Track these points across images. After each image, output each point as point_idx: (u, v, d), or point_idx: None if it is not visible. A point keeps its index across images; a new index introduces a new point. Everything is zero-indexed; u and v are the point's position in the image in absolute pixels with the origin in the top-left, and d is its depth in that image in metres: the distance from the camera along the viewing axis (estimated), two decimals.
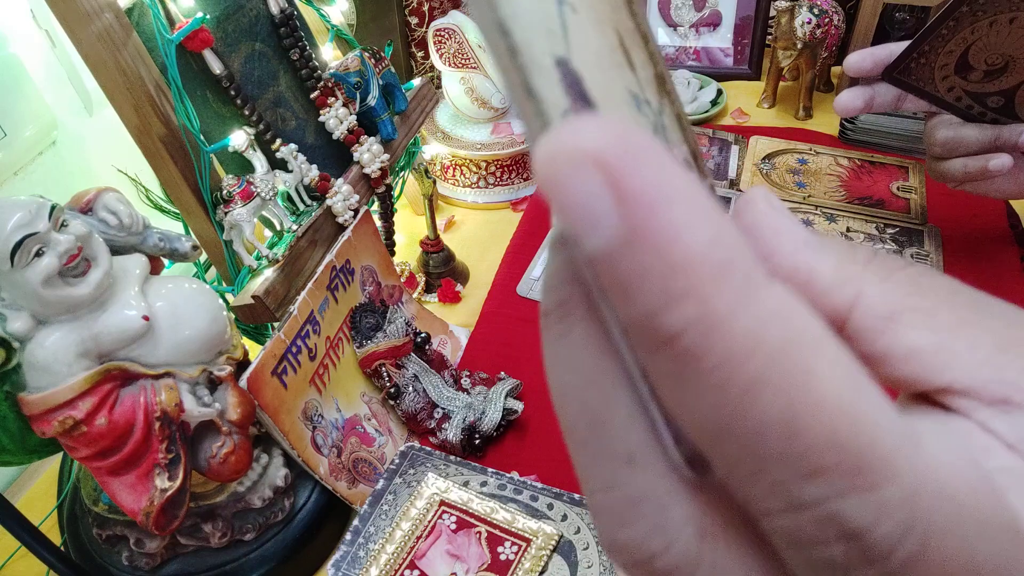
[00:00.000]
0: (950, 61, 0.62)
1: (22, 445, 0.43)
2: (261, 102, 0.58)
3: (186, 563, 0.52)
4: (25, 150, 0.68)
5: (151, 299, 0.45)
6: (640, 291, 0.11)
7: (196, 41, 0.51)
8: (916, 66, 0.62)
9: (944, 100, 0.64)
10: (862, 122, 0.92)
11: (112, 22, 0.47)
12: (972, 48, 0.61)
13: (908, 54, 0.62)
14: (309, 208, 0.61)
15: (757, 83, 1.07)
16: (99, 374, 0.42)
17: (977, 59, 0.61)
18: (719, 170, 0.91)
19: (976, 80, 0.62)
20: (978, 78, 0.62)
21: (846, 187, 0.87)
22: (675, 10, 1.07)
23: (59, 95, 0.72)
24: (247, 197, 0.53)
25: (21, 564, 0.59)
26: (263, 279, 0.54)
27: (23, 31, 0.67)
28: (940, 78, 0.62)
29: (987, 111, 0.63)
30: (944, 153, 0.65)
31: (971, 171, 0.64)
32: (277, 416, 0.52)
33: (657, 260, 0.11)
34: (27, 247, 0.39)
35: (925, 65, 0.62)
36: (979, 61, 0.61)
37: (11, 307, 0.41)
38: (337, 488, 0.56)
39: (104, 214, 0.46)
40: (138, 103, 0.49)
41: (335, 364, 0.60)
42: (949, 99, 0.63)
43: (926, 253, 0.77)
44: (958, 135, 0.64)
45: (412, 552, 0.52)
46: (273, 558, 0.53)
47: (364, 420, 0.61)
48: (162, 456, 0.45)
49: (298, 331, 0.55)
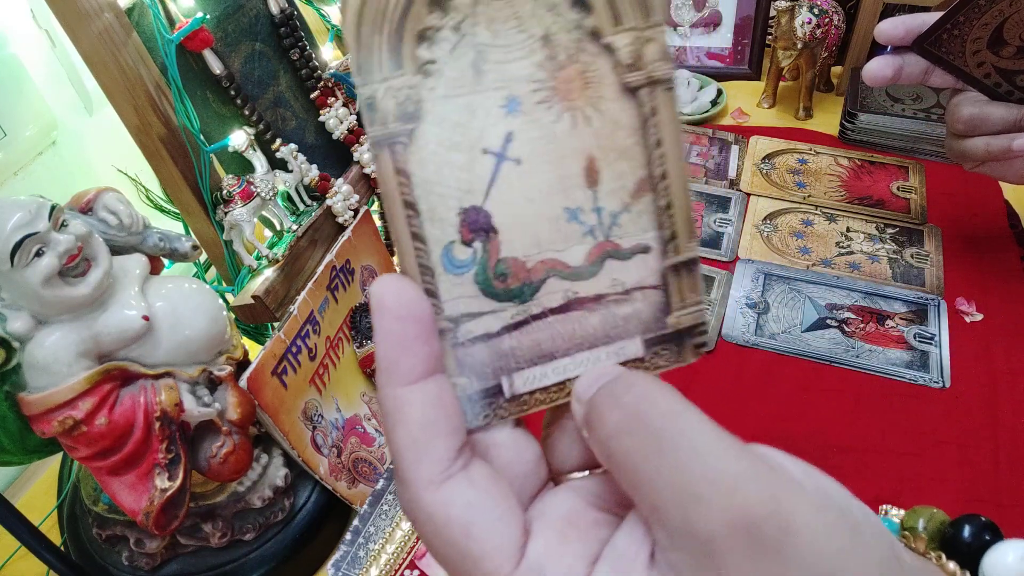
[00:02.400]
0: (984, 35, 0.60)
1: (22, 445, 0.43)
2: (261, 102, 0.58)
3: (186, 563, 0.52)
4: (25, 150, 0.68)
5: (151, 299, 0.45)
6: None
7: (196, 41, 0.51)
8: (948, 37, 0.61)
9: (972, 76, 0.62)
10: (862, 122, 0.92)
11: (112, 22, 0.47)
12: (1008, 22, 0.59)
13: (941, 24, 0.60)
14: (309, 208, 0.61)
15: (757, 83, 1.07)
16: (99, 374, 0.42)
17: (1012, 34, 0.60)
18: (719, 170, 0.91)
19: (1008, 56, 0.60)
20: (1010, 54, 0.60)
21: (846, 187, 0.87)
22: (675, 10, 1.07)
23: (59, 95, 0.72)
24: (247, 197, 0.53)
25: (21, 564, 0.59)
26: (263, 279, 0.54)
27: (23, 31, 0.67)
28: (971, 52, 0.61)
29: (1015, 90, 0.62)
30: (967, 131, 0.64)
31: (993, 150, 0.63)
32: (277, 416, 0.52)
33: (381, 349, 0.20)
34: (27, 247, 0.39)
35: (957, 37, 0.61)
36: (1014, 36, 0.60)
37: (11, 307, 0.41)
38: (337, 488, 0.56)
39: (104, 214, 0.46)
40: (138, 103, 0.49)
41: (335, 364, 0.60)
42: (977, 75, 0.62)
43: (926, 253, 0.77)
44: (983, 112, 0.62)
45: (412, 552, 0.52)
46: (273, 558, 0.53)
47: (364, 420, 0.61)
48: (162, 456, 0.45)
49: (298, 331, 0.55)
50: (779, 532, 0.17)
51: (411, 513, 0.20)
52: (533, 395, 0.23)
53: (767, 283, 0.75)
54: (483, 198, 0.21)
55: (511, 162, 0.21)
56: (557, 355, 0.23)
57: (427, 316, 0.20)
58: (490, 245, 0.21)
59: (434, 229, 0.21)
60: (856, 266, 0.76)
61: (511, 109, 0.21)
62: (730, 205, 0.85)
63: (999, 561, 0.20)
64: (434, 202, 0.20)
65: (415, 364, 0.20)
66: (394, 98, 0.20)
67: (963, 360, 0.66)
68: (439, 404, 0.20)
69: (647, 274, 0.23)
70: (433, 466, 0.20)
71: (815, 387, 0.65)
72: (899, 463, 0.58)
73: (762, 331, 0.70)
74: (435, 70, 0.20)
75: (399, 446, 0.20)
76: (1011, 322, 0.69)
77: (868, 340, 0.68)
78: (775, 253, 0.79)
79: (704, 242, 0.81)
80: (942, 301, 0.71)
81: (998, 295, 0.72)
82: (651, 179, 0.22)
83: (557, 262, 0.22)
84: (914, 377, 0.65)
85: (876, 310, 0.71)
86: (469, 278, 0.21)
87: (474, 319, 0.22)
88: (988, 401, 0.63)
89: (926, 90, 0.94)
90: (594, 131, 0.22)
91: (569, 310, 0.23)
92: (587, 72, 0.21)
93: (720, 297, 0.74)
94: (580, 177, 0.22)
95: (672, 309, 0.23)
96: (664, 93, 0.22)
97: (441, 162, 0.20)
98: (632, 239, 0.23)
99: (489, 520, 0.20)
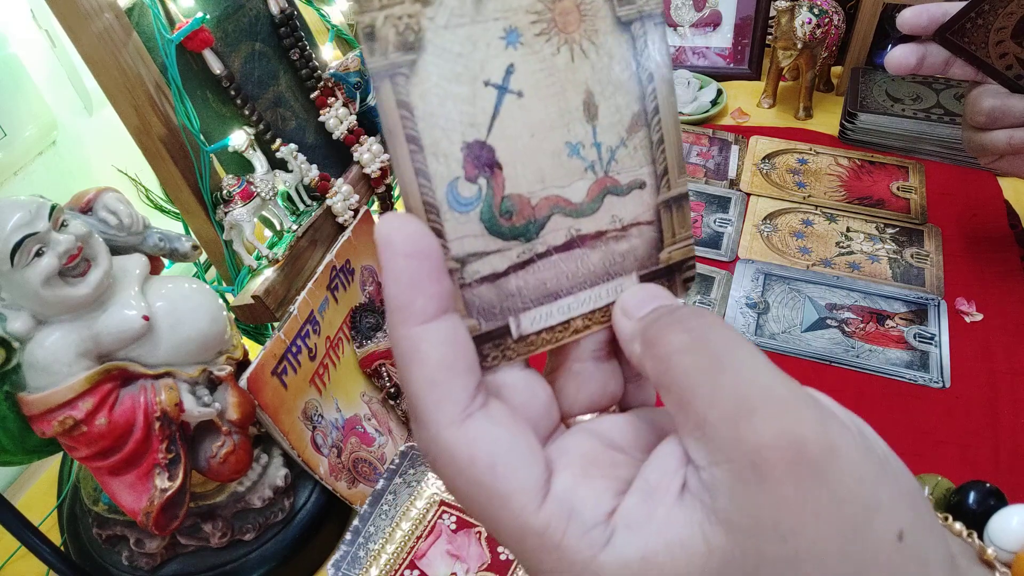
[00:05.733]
0: (1008, 24, 0.60)
1: (22, 445, 0.43)
2: (261, 102, 0.58)
3: (186, 563, 0.52)
4: (25, 150, 0.68)
5: (151, 299, 0.45)
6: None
7: (196, 41, 0.51)
8: (972, 27, 0.60)
9: (994, 67, 0.62)
10: (862, 122, 0.92)
11: (112, 22, 0.47)
12: None
13: (965, 13, 0.60)
14: (309, 208, 0.61)
15: (757, 83, 1.07)
16: (99, 374, 0.42)
17: None
18: (719, 170, 0.91)
19: None
20: None
21: (846, 187, 0.87)
22: (675, 10, 1.07)
23: (59, 95, 0.72)
24: (247, 197, 0.53)
25: (21, 564, 0.59)
26: (263, 279, 0.54)
27: (23, 31, 0.67)
28: (994, 42, 0.61)
29: None
30: (988, 123, 0.63)
31: (1016, 143, 0.62)
32: (277, 416, 0.52)
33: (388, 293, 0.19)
34: (27, 247, 0.39)
35: (981, 27, 0.60)
36: None
37: (11, 307, 0.41)
38: (337, 488, 0.56)
39: (104, 214, 0.46)
40: (138, 103, 0.49)
41: (335, 364, 0.60)
42: (999, 67, 0.62)
43: (926, 253, 0.77)
44: (1005, 104, 0.62)
45: (412, 552, 0.52)
46: (273, 558, 0.53)
47: (364, 420, 0.61)
48: (162, 456, 0.45)
49: (298, 331, 0.55)
50: (824, 453, 0.17)
51: (432, 454, 0.20)
52: (540, 335, 0.23)
53: (767, 283, 0.75)
54: (486, 132, 0.21)
55: (513, 95, 0.21)
56: (561, 294, 0.23)
57: (436, 253, 0.19)
58: (495, 181, 0.21)
59: (438, 165, 0.20)
60: (856, 266, 0.76)
61: (511, 41, 0.20)
62: (730, 205, 0.85)
63: (1004, 525, 0.20)
64: (437, 136, 0.20)
65: (427, 303, 0.19)
66: (394, 27, 0.19)
67: (963, 360, 0.66)
68: (455, 343, 0.20)
69: (643, 210, 0.23)
70: (454, 405, 0.19)
71: (815, 387, 0.64)
72: None
73: (762, 331, 0.70)
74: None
75: (417, 387, 0.19)
76: (1011, 322, 0.69)
77: (868, 340, 0.68)
78: (775, 253, 0.79)
79: (704, 242, 0.81)
80: (942, 301, 0.71)
81: (998, 295, 0.72)
82: (644, 113, 0.23)
83: (560, 199, 0.22)
84: (914, 377, 0.65)
85: (876, 310, 0.71)
86: (474, 216, 0.21)
87: (480, 259, 0.21)
88: (988, 401, 0.63)
89: (926, 90, 0.94)
90: (591, 64, 0.22)
91: (572, 248, 0.23)
92: (583, 4, 0.21)
93: (720, 297, 0.74)
94: (580, 111, 0.22)
95: (664, 244, 0.24)
96: (655, 28, 0.22)
97: (444, 95, 0.20)
98: (629, 174, 0.23)
99: (514, 457, 0.19)
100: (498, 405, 0.20)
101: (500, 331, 0.22)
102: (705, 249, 0.80)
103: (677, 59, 1.10)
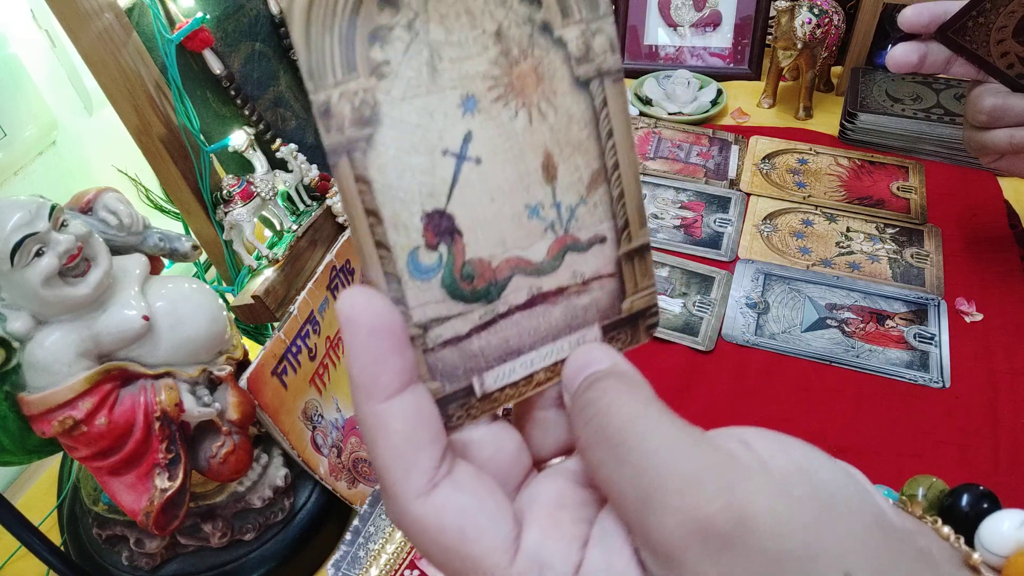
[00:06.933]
0: (1010, 23, 0.60)
1: (22, 445, 0.43)
2: (261, 102, 0.58)
3: (186, 563, 0.52)
4: (25, 150, 0.68)
5: (151, 299, 0.45)
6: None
7: (196, 41, 0.51)
8: (973, 25, 0.60)
9: (995, 66, 0.62)
10: (862, 122, 0.92)
11: (112, 22, 0.47)
12: None
13: (966, 12, 0.60)
14: (309, 208, 0.61)
15: (757, 83, 1.07)
16: (99, 374, 0.42)
17: None
18: (719, 170, 0.91)
19: None
20: None
21: (846, 187, 0.87)
22: (675, 10, 1.07)
23: (59, 95, 0.72)
24: (247, 197, 0.53)
25: (21, 564, 0.59)
26: (263, 279, 0.54)
27: (23, 31, 0.67)
28: (995, 41, 0.61)
29: None
30: (989, 122, 0.63)
31: (1017, 142, 0.62)
32: (277, 416, 0.52)
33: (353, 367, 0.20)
34: (27, 247, 0.39)
35: (983, 25, 0.60)
36: None
37: (11, 307, 0.41)
38: (337, 488, 0.56)
39: (104, 214, 0.46)
40: (138, 103, 0.49)
41: (335, 364, 0.60)
42: (1000, 66, 0.62)
43: (926, 253, 0.77)
44: (1007, 103, 0.62)
45: (412, 552, 0.52)
46: (273, 558, 0.53)
47: None
48: (162, 456, 0.45)
49: (298, 331, 0.55)
50: (733, 524, 0.17)
51: (403, 526, 0.20)
52: (503, 391, 0.23)
53: (767, 283, 0.75)
54: (446, 200, 0.21)
55: (471, 162, 0.21)
56: (524, 350, 0.23)
57: (399, 327, 0.20)
58: (455, 248, 0.21)
59: (398, 235, 0.20)
60: (856, 266, 0.76)
61: (469, 108, 0.20)
62: (730, 205, 0.85)
63: (995, 529, 0.20)
64: (397, 208, 0.20)
65: (392, 378, 0.20)
66: (349, 102, 0.19)
67: (963, 360, 0.66)
68: (419, 415, 0.20)
69: (604, 263, 0.24)
70: (420, 477, 0.20)
71: (815, 387, 0.65)
72: (899, 463, 0.58)
73: (762, 331, 0.70)
74: (390, 71, 0.19)
75: (383, 462, 0.20)
76: (1011, 322, 0.69)
77: (868, 340, 0.68)
78: (775, 253, 0.79)
79: (704, 242, 0.81)
80: (942, 301, 0.71)
81: (998, 295, 0.72)
82: (604, 170, 0.23)
83: (521, 260, 0.22)
84: (914, 377, 0.65)
85: (876, 310, 0.71)
86: (436, 282, 0.21)
87: (443, 323, 0.21)
88: (988, 401, 0.63)
89: (926, 90, 0.94)
90: (550, 126, 0.22)
91: (534, 305, 0.23)
92: (540, 67, 0.21)
93: (720, 297, 0.74)
94: (539, 173, 0.22)
95: (627, 294, 0.24)
96: (613, 85, 0.22)
97: (402, 166, 0.20)
98: (589, 231, 0.23)
99: (482, 519, 0.20)
100: (464, 468, 0.21)
101: (464, 391, 0.22)
102: (705, 249, 0.80)
103: (677, 59, 1.10)
